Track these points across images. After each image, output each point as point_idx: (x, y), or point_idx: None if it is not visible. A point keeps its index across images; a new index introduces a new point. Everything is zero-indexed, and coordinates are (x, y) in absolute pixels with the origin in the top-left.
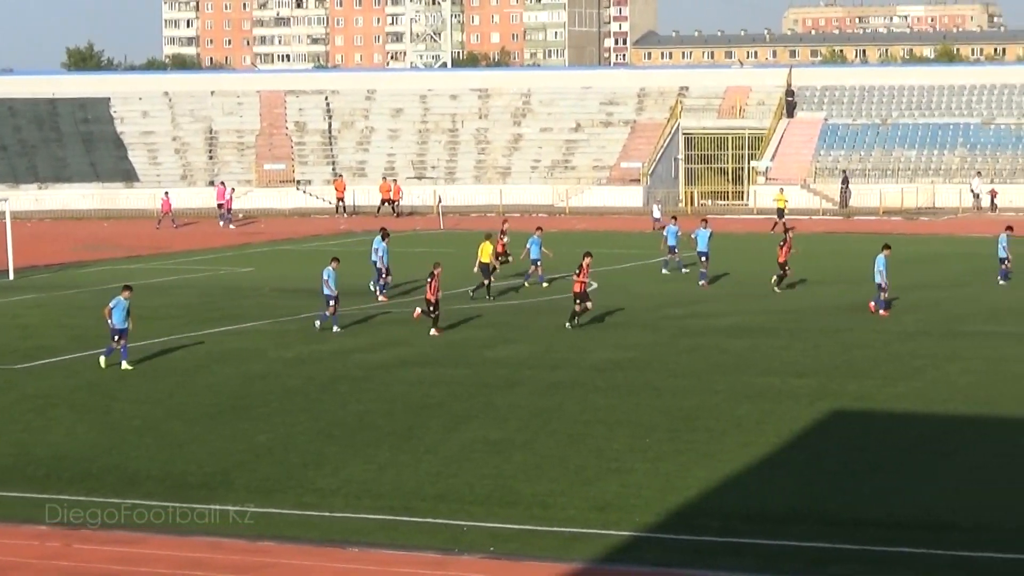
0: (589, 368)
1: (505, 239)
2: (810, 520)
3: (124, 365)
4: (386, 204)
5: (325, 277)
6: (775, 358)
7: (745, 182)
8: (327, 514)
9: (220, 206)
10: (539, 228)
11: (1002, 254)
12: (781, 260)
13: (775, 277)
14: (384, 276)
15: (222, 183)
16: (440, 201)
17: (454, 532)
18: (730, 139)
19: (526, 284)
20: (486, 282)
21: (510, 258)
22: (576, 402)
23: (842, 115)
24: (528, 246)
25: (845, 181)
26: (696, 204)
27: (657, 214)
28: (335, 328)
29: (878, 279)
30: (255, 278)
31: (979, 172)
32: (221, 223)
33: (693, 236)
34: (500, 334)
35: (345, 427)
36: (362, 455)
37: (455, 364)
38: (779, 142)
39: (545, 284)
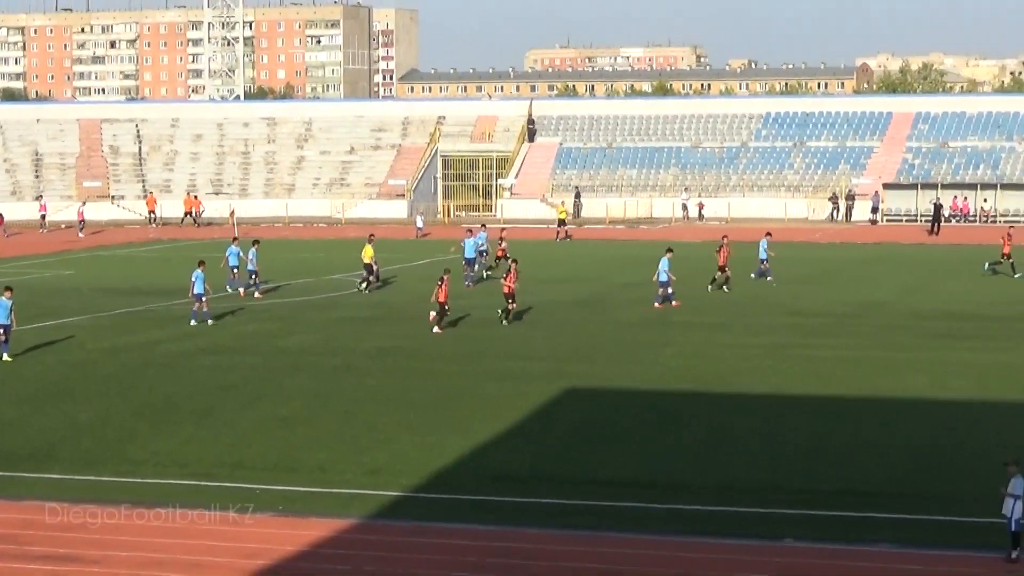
0: (363, 355)
1: (504, 244)
2: (549, 480)
3: (5, 357)
4: (188, 216)
5: (193, 279)
6: (517, 345)
7: (494, 196)
8: (140, 480)
9: (43, 217)
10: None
11: (762, 255)
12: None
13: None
14: (254, 277)
15: (39, 198)
16: (234, 213)
17: (249, 494)
18: (481, 160)
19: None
20: (370, 279)
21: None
22: (351, 384)
23: (575, 140)
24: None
25: (578, 195)
26: (452, 215)
27: (420, 223)
28: (209, 321)
29: (663, 278)
30: (75, 280)
31: (687, 188)
32: (81, 234)
33: (461, 244)
34: (287, 326)
35: (154, 407)
36: (169, 431)
37: (248, 352)
38: (522, 163)
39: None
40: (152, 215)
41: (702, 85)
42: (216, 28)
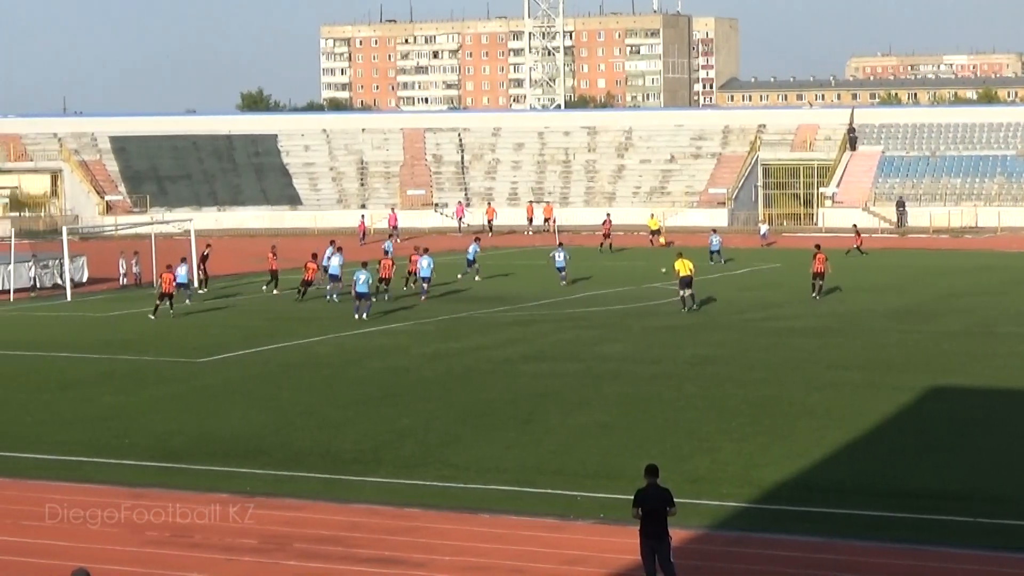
0: (682, 363)
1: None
2: (869, 492)
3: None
4: (530, 222)
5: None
6: (840, 354)
7: (815, 205)
8: (462, 486)
9: (394, 228)
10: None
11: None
12: (818, 270)
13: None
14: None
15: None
16: (555, 220)
17: (569, 501)
18: (801, 169)
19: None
20: (685, 292)
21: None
22: (671, 391)
23: (897, 149)
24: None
25: (901, 204)
26: (773, 224)
27: (764, 231)
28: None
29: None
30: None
31: None
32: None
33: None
34: (607, 334)
35: (475, 413)
36: (490, 436)
37: (569, 359)
38: (843, 171)
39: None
40: (490, 223)
41: None
42: (537, 38)
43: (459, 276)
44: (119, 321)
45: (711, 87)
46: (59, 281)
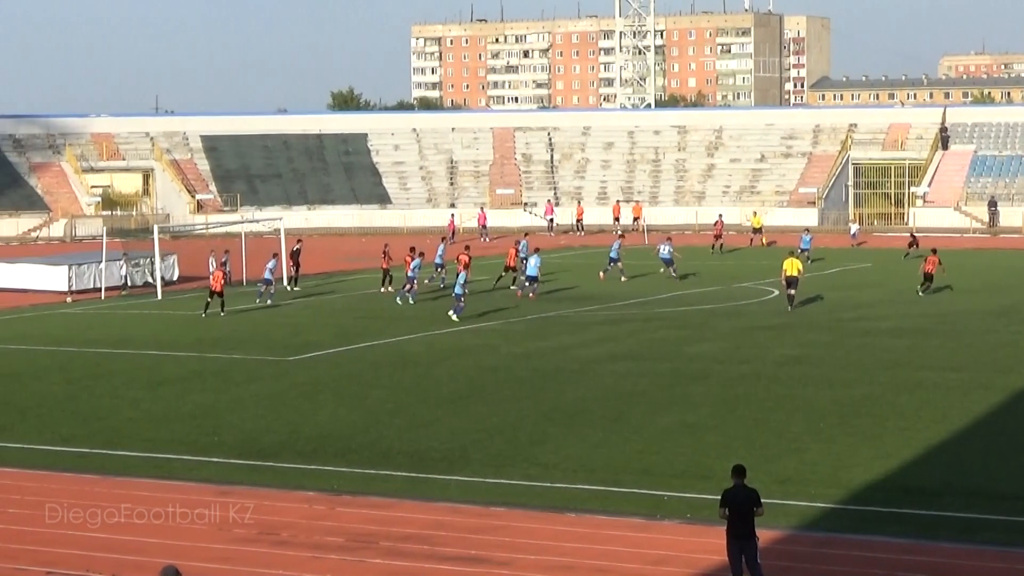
0: (771, 363)
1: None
2: (961, 494)
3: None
4: (617, 221)
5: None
6: (931, 355)
7: (906, 205)
8: (549, 484)
9: (483, 227)
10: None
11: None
12: (928, 271)
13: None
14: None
15: (481, 209)
16: (645, 220)
17: (656, 501)
18: (893, 168)
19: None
20: (790, 292)
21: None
22: (760, 391)
23: (990, 148)
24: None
25: (993, 204)
26: (864, 223)
27: (854, 231)
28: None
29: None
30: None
31: None
32: (485, 239)
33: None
34: (695, 334)
35: (564, 411)
36: (578, 435)
37: (657, 359)
38: (935, 171)
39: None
40: (579, 223)
41: None
42: (627, 37)
43: (600, 274)
44: (209, 320)
45: (802, 86)
46: (150, 279)
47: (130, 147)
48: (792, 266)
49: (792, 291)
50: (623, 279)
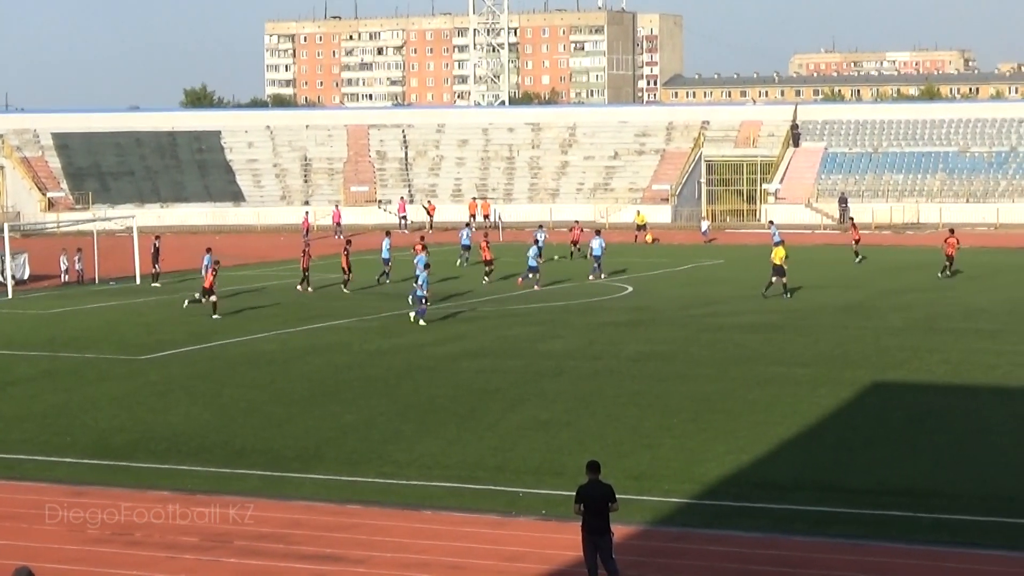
0: (624, 359)
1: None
2: (812, 488)
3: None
4: (473, 219)
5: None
6: (782, 350)
7: (758, 202)
8: (403, 482)
9: (338, 225)
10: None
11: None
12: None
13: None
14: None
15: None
16: (500, 217)
17: (511, 498)
18: (745, 165)
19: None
20: (775, 279)
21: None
22: (613, 388)
23: (840, 145)
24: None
25: (843, 201)
26: (716, 220)
27: (705, 228)
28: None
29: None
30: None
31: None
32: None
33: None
34: (549, 330)
35: (418, 409)
36: (433, 433)
37: (510, 356)
38: (786, 168)
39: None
40: (483, 219)
41: (970, 89)
42: (481, 34)
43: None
44: (61, 318)
45: (655, 84)
46: (0, 279)
47: None
48: (777, 255)
49: (776, 278)
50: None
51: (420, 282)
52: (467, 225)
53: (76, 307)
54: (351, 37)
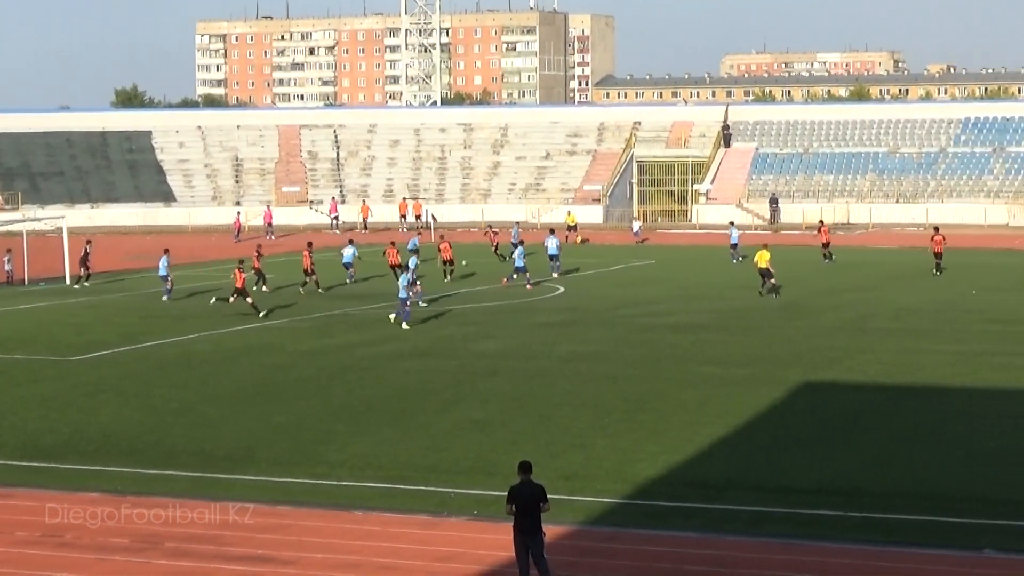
0: (557, 359)
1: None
2: (745, 487)
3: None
4: (404, 219)
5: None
6: (714, 350)
7: (689, 202)
8: (335, 483)
9: (269, 225)
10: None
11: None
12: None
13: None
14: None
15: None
16: (434, 217)
17: (443, 498)
18: (676, 166)
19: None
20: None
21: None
22: (546, 388)
23: (771, 145)
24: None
25: (774, 201)
26: (648, 220)
27: (636, 228)
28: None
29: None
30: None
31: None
32: (271, 237)
33: (544, 244)
34: (482, 331)
35: (351, 410)
36: (365, 433)
37: (445, 356)
38: (718, 168)
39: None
40: (365, 220)
41: (900, 90)
42: (413, 35)
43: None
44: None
45: (587, 84)
46: None
47: None
48: (762, 258)
49: (770, 281)
50: (448, 279)
51: (404, 283)
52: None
53: (5, 308)
54: (283, 37)
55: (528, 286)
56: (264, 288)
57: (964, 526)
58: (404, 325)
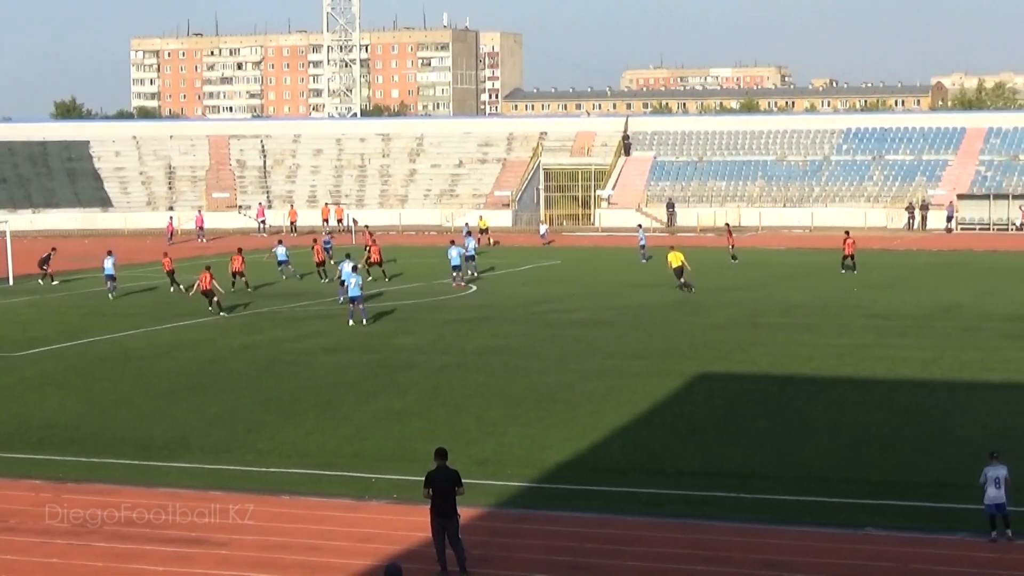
0: (471, 353)
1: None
2: (644, 471)
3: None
4: (326, 223)
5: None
6: (616, 344)
7: (592, 207)
8: (264, 469)
9: (201, 228)
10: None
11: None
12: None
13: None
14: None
15: (199, 210)
16: (356, 222)
17: (365, 483)
18: (580, 173)
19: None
20: (680, 281)
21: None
22: (460, 380)
23: (668, 154)
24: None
25: (671, 206)
26: (554, 224)
27: (543, 231)
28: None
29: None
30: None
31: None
32: (199, 240)
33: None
34: (400, 327)
35: (279, 401)
36: (292, 423)
37: (365, 351)
38: (619, 175)
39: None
40: (293, 225)
41: (787, 103)
42: (335, 51)
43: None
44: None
45: (497, 97)
46: None
47: None
48: (676, 259)
49: (682, 280)
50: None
51: (358, 282)
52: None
53: None
54: (212, 53)
55: (456, 284)
56: (248, 288)
57: (847, 506)
58: (364, 321)
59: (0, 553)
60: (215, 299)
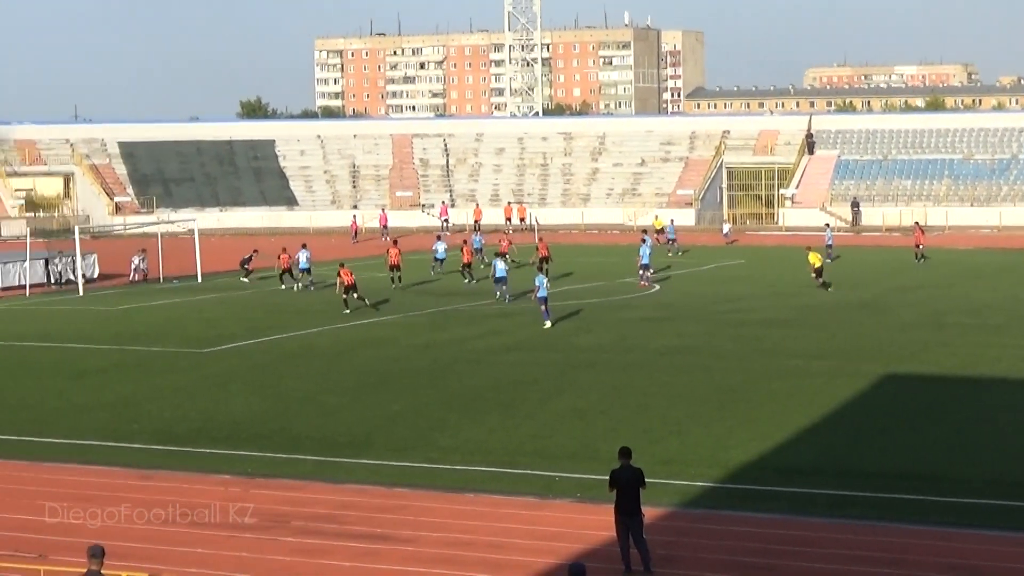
0: (654, 352)
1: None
2: (829, 472)
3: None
4: (508, 221)
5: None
6: (799, 344)
7: (776, 206)
8: (448, 467)
9: (385, 227)
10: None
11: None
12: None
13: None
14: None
15: (383, 209)
16: (536, 220)
17: (548, 482)
18: (763, 172)
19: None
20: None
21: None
22: (644, 379)
23: (852, 153)
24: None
25: (855, 205)
26: (737, 223)
27: (727, 230)
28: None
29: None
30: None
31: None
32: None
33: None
34: (582, 325)
35: (462, 399)
36: (475, 420)
37: (547, 349)
38: (802, 174)
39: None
40: (477, 222)
41: (973, 100)
42: (516, 50)
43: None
44: (128, 314)
45: (679, 95)
46: (72, 277)
47: (51, 152)
48: (816, 258)
49: (820, 279)
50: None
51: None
52: (475, 231)
53: (141, 304)
54: (395, 52)
55: (643, 283)
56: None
57: None
58: (547, 324)
59: (191, 546)
60: (355, 294)
